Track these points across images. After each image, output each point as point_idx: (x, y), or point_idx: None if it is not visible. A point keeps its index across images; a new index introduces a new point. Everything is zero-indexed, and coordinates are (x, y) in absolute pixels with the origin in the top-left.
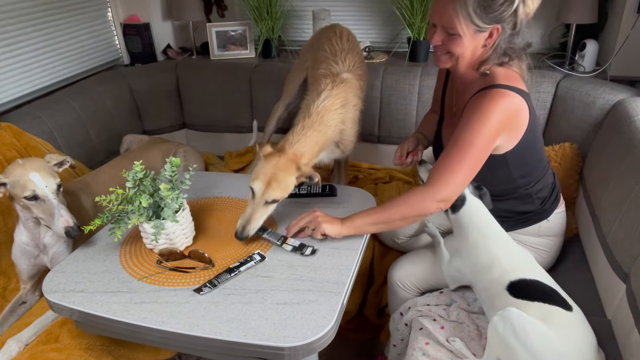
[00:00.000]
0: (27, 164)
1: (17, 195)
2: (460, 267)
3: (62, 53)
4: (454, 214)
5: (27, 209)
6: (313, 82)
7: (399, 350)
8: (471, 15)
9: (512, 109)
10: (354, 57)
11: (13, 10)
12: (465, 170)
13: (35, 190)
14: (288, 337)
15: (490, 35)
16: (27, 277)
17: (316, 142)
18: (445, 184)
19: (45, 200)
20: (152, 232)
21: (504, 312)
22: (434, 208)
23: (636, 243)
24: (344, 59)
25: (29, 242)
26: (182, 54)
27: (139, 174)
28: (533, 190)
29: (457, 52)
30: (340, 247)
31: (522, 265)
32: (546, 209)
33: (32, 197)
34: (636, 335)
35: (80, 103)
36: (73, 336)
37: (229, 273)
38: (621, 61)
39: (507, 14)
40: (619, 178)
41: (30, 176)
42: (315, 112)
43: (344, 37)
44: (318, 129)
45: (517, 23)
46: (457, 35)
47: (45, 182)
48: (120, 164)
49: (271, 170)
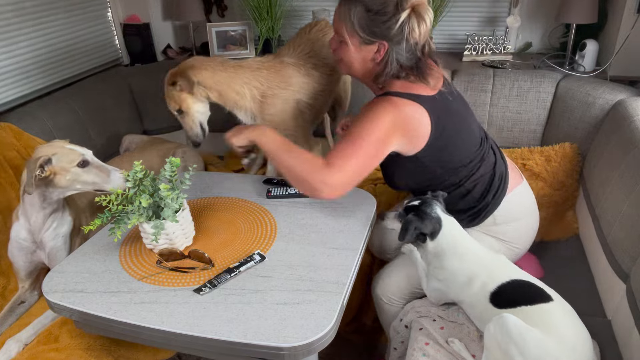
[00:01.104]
0: (53, 143)
1: (66, 168)
2: (441, 288)
3: (62, 53)
4: (433, 240)
5: (70, 184)
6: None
7: (400, 353)
8: (354, 25)
9: (400, 118)
10: (308, 47)
11: (13, 10)
12: (357, 161)
13: (84, 154)
14: (288, 337)
15: (378, 50)
16: (24, 274)
17: (229, 84)
18: (337, 169)
19: (93, 163)
20: (152, 232)
21: (499, 319)
22: (317, 185)
23: (636, 243)
24: (296, 47)
25: (26, 237)
26: (182, 54)
27: (139, 174)
28: (465, 188)
29: (345, 59)
30: (340, 247)
31: (496, 271)
32: (490, 201)
33: (83, 162)
34: (636, 335)
35: (80, 103)
36: (73, 336)
37: (229, 273)
38: (621, 61)
39: (391, 32)
40: (619, 178)
41: (68, 147)
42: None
43: (313, 29)
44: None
45: (409, 42)
46: (344, 42)
47: (83, 150)
48: (120, 164)
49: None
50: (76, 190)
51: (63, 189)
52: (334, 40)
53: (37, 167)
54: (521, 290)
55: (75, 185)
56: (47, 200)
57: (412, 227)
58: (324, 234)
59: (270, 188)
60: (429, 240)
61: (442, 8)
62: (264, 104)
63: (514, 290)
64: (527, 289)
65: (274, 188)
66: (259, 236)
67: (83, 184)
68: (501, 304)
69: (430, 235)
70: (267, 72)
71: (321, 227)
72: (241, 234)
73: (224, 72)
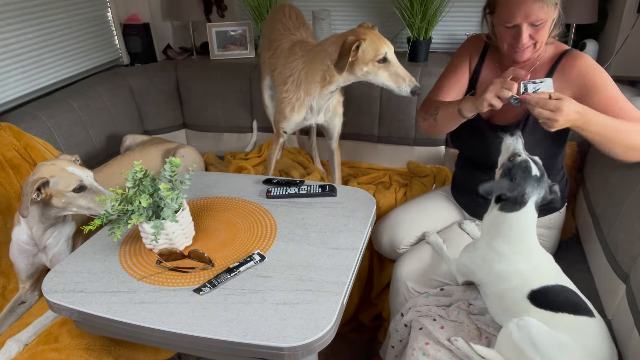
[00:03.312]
0: (56, 162)
1: (62, 192)
2: (470, 266)
3: (62, 53)
4: (502, 211)
5: (65, 206)
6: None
7: (397, 352)
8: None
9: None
10: (306, 31)
11: (13, 10)
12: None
13: (81, 180)
14: (288, 337)
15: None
16: (25, 276)
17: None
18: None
19: (91, 188)
20: (152, 232)
21: (521, 322)
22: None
23: (636, 243)
24: (300, 32)
25: (28, 240)
26: (182, 54)
27: (139, 174)
28: (562, 171)
29: (542, 39)
30: (340, 247)
31: (542, 270)
32: (563, 196)
33: (79, 187)
34: (636, 335)
35: (80, 103)
36: (73, 336)
37: (229, 273)
38: (621, 61)
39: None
40: (619, 178)
41: (69, 170)
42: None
43: (292, 16)
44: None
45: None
46: (543, 23)
47: (85, 173)
48: (120, 164)
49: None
50: (72, 212)
51: (59, 209)
52: (525, 33)
53: (33, 190)
54: (565, 297)
55: (71, 207)
56: (45, 216)
57: (498, 187)
58: (324, 234)
59: (270, 188)
60: (498, 208)
61: (442, 8)
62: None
63: (557, 295)
64: (571, 297)
65: (274, 188)
66: (259, 236)
67: (78, 208)
68: (541, 304)
69: (504, 205)
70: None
71: (321, 227)
72: (241, 234)
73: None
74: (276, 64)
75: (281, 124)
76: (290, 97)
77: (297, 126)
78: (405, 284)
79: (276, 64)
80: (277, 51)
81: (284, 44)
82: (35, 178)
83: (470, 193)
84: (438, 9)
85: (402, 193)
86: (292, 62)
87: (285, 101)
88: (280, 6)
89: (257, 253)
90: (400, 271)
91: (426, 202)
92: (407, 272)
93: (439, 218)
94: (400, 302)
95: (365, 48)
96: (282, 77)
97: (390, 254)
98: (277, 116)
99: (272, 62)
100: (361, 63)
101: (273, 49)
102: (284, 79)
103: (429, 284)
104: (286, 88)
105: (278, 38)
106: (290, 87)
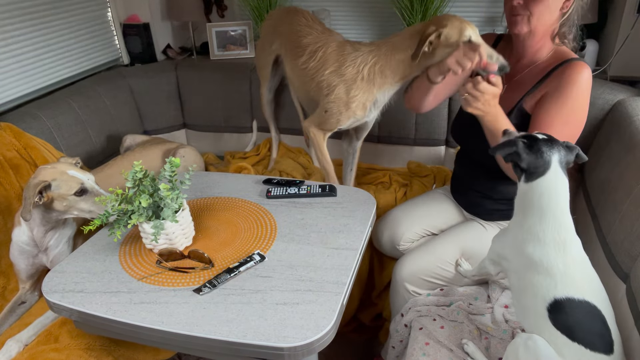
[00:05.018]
0: (57, 165)
1: (63, 195)
2: (501, 250)
3: (62, 53)
4: (527, 182)
5: (67, 209)
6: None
7: (398, 352)
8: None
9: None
10: (331, 32)
11: (13, 10)
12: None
13: (83, 183)
14: (287, 338)
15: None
16: (26, 276)
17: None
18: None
19: (93, 192)
20: (152, 232)
21: (530, 341)
22: None
23: (636, 243)
24: (331, 33)
25: (28, 241)
26: (182, 54)
27: (139, 174)
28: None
29: (537, 12)
30: (340, 247)
31: (576, 276)
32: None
33: (81, 191)
34: (636, 335)
35: (80, 103)
36: (73, 336)
37: (229, 273)
38: (621, 61)
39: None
40: (619, 178)
41: (70, 173)
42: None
43: (315, 19)
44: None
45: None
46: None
47: (86, 176)
48: (120, 164)
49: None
50: (74, 215)
51: (61, 212)
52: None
53: (35, 193)
54: (588, 328)
55: (72, 211)
56: (47, 219)
57: (512, 148)
58: (324, 234)
59: (270, 188)
60: (524, 180)
61: (442, 8)
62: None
63: (580, 319)
64: (595, 327)
65: (274, 188)
66: (259, 236)
67: (80, 211)
68: (559, 324)
69: (526, 173)
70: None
71: (321, 227)
72: (241, 234)
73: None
74: (324, 65)
75: (340, 123)
76: (358, 95)
77: (351, 125)
78: (404, 286)
79: (324, 66)
80: (319, 54)
81: (328, 47)
82: (37, 181)
83: (469, 191)
84: (438, 9)
85: (402, 193)
86: (357, 59)
87: (356, 100)
88: (294, 11)
89: (257, 253)
90: (400, 273)
91: (426, 199)
92: (407, 273)
93: (439, 215)
94: (400, 303)
95: (448, 33)
96: (343, 77)
97: (391, 252)
98: (336, 117)
99: (312, 66)
100: (446, 47)
101: (309, 53)
102: (351, 77)
103: (428, 286)
104: (356, 86)
105: (313, 41)
106: (360, 85)
